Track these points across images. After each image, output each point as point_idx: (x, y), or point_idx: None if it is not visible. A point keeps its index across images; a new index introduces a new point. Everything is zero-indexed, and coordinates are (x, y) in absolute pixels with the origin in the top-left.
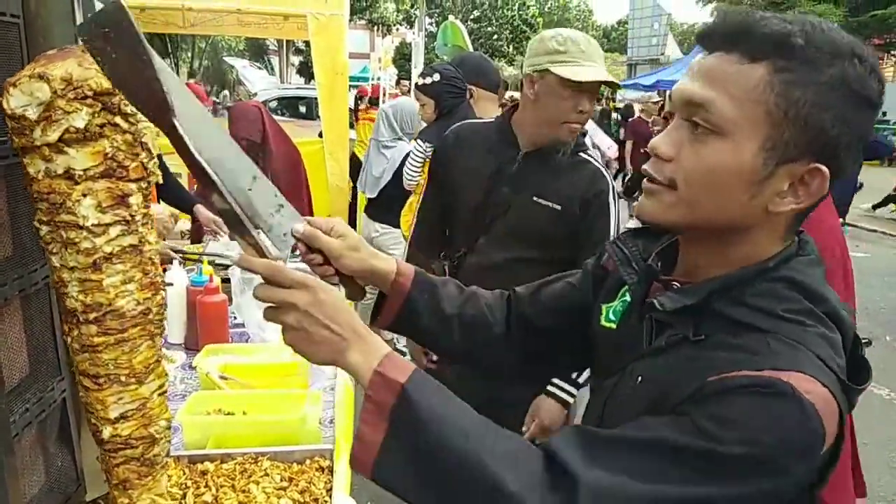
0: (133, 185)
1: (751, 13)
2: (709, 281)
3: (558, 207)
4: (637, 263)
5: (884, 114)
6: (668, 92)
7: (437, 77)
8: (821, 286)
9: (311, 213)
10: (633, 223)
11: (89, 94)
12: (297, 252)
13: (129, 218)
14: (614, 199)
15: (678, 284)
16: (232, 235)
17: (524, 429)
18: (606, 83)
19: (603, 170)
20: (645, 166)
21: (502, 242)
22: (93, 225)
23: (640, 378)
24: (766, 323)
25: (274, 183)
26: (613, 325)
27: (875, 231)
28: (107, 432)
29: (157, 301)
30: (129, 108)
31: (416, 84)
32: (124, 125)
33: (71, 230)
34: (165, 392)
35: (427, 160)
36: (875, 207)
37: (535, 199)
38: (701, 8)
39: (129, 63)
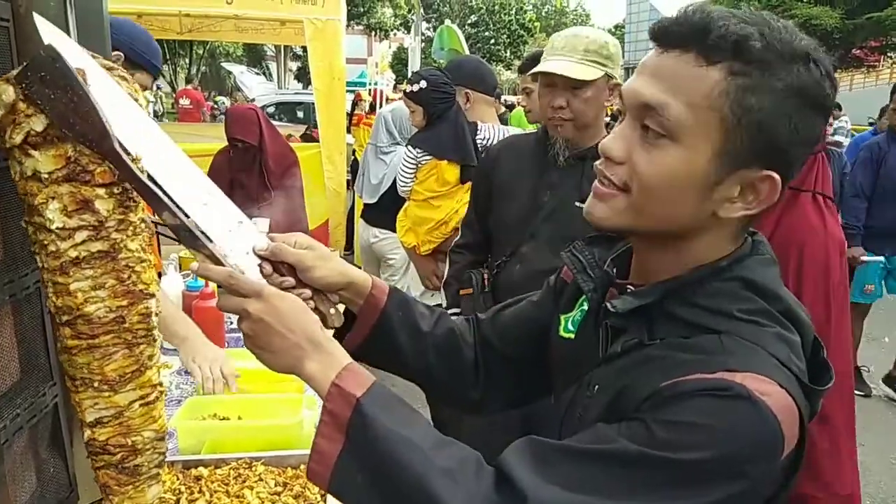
0: (101, 190)
1: (703, 9)
2: (661, 283)
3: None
4: (592, 270)
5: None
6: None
7: (423, 84)
8: (776, 286)
9: (306, 217)
10: None
11: None
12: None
13: (96, 223)
14: None
15: (633, 288)
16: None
17: None
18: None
19: None
20: (597, 165)
21: (548, 249)
22: (58, 228)
23: (596, 387)
24: (720, 324)
25: (269, 185)
26: (572, 335)
27: None
28: (86, 435)
29: (137, 310)
30: None
31: (405, 91)
32: None
33: (42, 232)
34: (153, 403)
35: (419, 166)
36: None
37: (577, 203)
38: None
39: (67, 100)
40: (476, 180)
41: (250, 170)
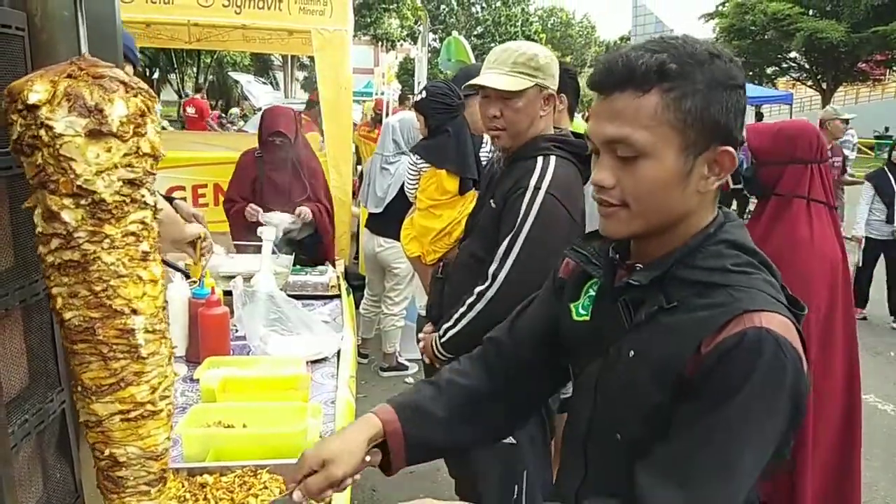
0: (67, 200)
1: (621, 55)
2: (668, 255)
3: (494, 206)
4: (598, 259)
5: (886, 129)
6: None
7: (424, 93)
8: (751, 243)
9: (332, 221)
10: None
11: (21, 107)
12: None
13: (65, 233)
14: (532, 193)
15: (640, 266)
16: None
17: None
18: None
19: (540, 167)
20: (596, 195)
21: (468, 242)
22: (39, 233)
23: (631, 352)
24: (720, 277)
25: (304, 179)
26: (587, 317)
27: None
28: (82, 432)
29: (112, 325)
30: (52, 122)
31: (413, 101)
32: (45, 138)
33: (35, 236)
34: (136, 420)
35: (420, 174)
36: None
37: (490, 201)
38: (703, 24)
39: None
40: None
41: (283, 168)
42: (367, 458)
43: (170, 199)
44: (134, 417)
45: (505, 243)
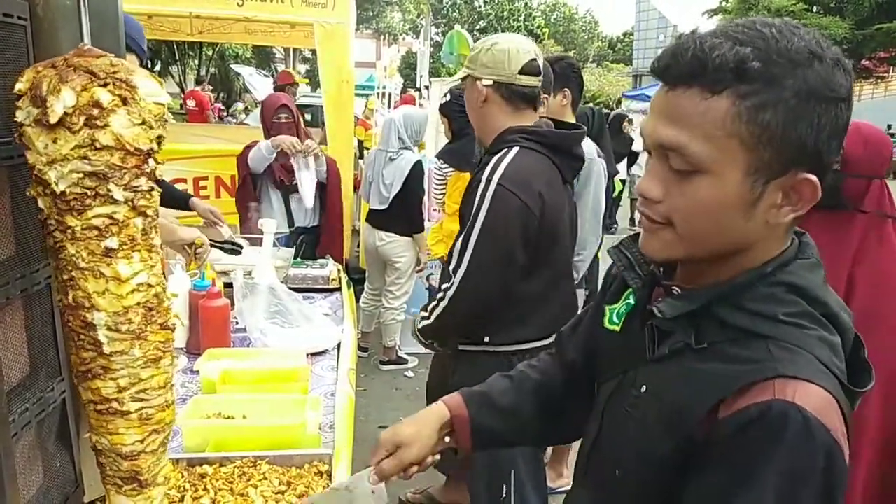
0: (39, 188)
1: (695, 40)
2: (709, 287)
3: None
4: (640, 267)
5: (889, 126)
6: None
7: (448, 96)
8: (819, 290)
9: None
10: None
11: (15, 96)
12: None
13: (43, 218)
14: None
15: (679, 290)
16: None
17: None
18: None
19: (496, 159)
20: (640, 207)
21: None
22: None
23: (644, 387)
24: (765, 327)
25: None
26: (617, 328)
27: None
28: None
29: (77, 315)
30: (19, 111)
31: (439, 104)
32: (21, 127)
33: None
34: (104, 415)
35: (446, 178)
36: None
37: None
38: (707, 20)
39: None
40: None
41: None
42: (447, 440)
43: (187, 197)
44: (101, 410)
45: (461, 239)
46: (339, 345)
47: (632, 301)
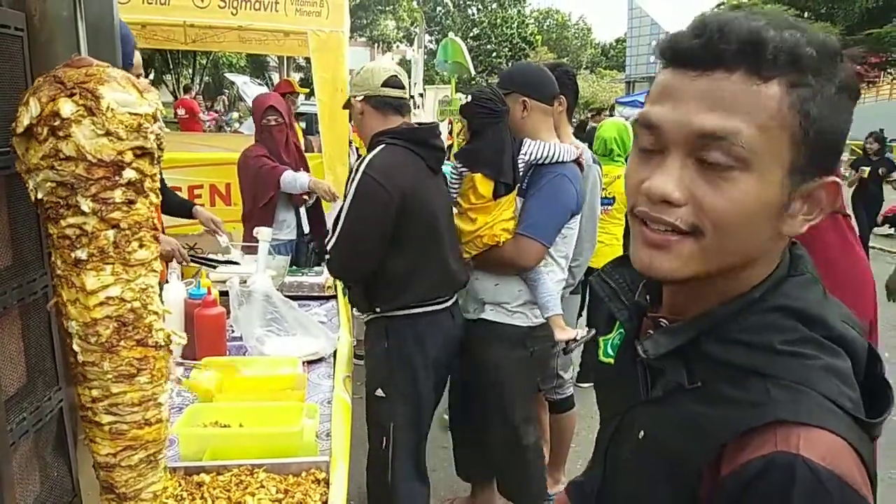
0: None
1: (735, 17)
2: (696, 319)
3: None
4: (625, 296)
5: (881, 130)
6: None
7: (468, 98)
8: (818, 308)
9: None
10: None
11: None
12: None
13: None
14: (355, 176)
15: (666, 322)
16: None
17: None
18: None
19: (368, 156)
20: (651, 212)
21: None
22: None
23: (642, 433)
24: (761, 362)
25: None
26: (612, 361)
27: (873, 248)
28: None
29: (62, 317)
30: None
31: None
32: None
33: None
34: (83, 419)
35: (462, 178)
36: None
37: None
38: None
39: None
40: None
41: (286, 149)
42: None
43: (190, 206)
44: (83, 416)
45: (337, 215)
46: (334, 352)
47: (624, 331)
